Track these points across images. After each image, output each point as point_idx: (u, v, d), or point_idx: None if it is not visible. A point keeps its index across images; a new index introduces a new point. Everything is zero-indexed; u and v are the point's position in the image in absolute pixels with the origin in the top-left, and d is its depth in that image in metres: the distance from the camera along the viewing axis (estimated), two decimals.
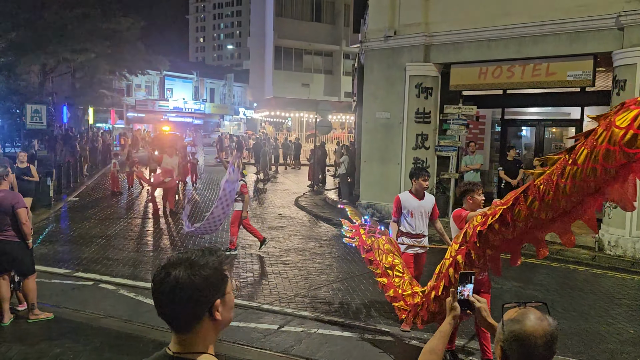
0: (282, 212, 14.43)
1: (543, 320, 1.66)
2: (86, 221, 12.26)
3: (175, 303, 1.44)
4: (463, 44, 11.95)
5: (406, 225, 6.38)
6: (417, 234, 6.36)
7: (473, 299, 2.14)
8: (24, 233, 5.83)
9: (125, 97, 45.19)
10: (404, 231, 6.37)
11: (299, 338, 5.87)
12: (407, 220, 6.37)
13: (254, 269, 8.70)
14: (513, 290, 7.78)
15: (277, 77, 40.19)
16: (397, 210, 6.43)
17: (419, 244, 6.38)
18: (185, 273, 1.44)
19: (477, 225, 3.68)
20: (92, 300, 6.92)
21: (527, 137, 14.87)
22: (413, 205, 6.37)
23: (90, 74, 30.93)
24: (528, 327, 1.65)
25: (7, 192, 5.87)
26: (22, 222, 5.78)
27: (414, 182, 6.43)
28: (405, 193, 6.56)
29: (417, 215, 6.36)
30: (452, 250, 4.16)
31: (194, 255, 1.49)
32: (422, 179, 6.32)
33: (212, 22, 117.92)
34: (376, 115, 13.15)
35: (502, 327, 1.71)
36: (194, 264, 1.46)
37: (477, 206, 5.31)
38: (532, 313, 1.69)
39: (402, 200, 6.44)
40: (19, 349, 5.28)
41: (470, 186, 5.45)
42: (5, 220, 5.77)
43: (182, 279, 1.44)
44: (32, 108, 16.16)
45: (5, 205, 5.73)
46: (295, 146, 29.48)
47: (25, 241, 5.89)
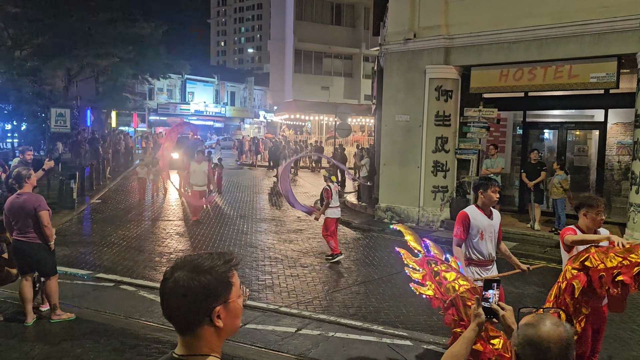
0: (301, 215, 14.44)
1: (559, 326, 1.63)
2: (108, 223, 12.44)
3: (173, 305, 1.45)
4: (483, 46, 11.84)
5: (474, 251, 5.12)
6: (487, 261, 5.17)
7: (496, 307, 2.11)
8: (45, 235, 5.93)
9: (147, 101, 45.80)
10: (473, 258, 5.13)
11: (317, 341, 5.86)
12: (474, 243, 5.10)
13: (272, 272, 8.72)
14: (535, 295, 7.66)
15: (297, 80, 40.34)
16: (464, 230, 5.09)
17: (489, 271, 5.19)
18: (185, 276, 1.44)
19: (619, 269, 3.73)
20: (112, 302, 7.02)
21: (550, 140, 14.65)
22: (484, 224, 5.11)
23: (113, 78, 31.42)
24: (542, 332, 1.62)
25: (30, 194, 5.99)
26: (44, 224, 5.89)
27: (481, 195, 5.13)
28: (472, 208, 5.22)
29: (488, 236, 5.12)
30: (568, 272, 4.01)
31: (201, 258, 1.49)
32: (491, 190, 5.08)
33: (233, 26, 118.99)
34: (396, 118, 13.09)
35: (517, 331, 1.69)
36: (197, 267, 1.46)
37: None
38: (548, 318, 1.66)
39: (471, 217, 5.10)
40: (41, 348, 5.38)
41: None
42: (28, 222, 5.88)
43: (180, 282, 1.44)
44: (56, 112, 16.48)
45: (27, 208, 5.84)
46: (316, 149, 29.50)
47: (47, 243, 5.99)
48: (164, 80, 42.81)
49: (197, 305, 1.44)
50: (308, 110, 39.21)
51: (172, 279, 1.46)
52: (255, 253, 10.00)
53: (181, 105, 50.63)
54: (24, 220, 5.87)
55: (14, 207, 5.88)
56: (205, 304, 1.45)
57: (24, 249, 5.93)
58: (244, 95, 58.16)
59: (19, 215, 5.87)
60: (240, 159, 34.12)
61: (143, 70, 31.87)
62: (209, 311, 1.46)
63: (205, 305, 1.45)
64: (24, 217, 5.86)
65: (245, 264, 9.18)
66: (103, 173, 20.10)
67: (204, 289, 1.44)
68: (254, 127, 58.04)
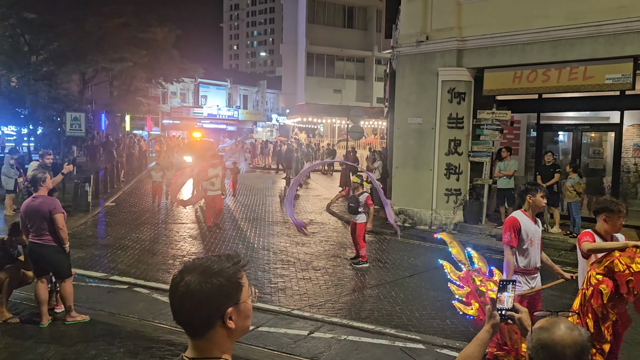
0: (313, 218, 14.45)
1: (573, 330, 1.61)
2: (122, 226, 12.54)
3: (186, 309, 1.45)
4: (496, 48, 11.77)
5: (521, 258, 4.82)
6: (534, 269, 4.90)
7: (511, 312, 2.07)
8: (60, 238, 6.00)
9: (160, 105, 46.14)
10: (521, 266, 4.84)
11: (329, 344, 5.85)
12: (524, 249, 4.81)
13: (284, 275, 8.73)
14: (549, 299, 7.58)
15: (309, 83, 40.42)
16: (515, 236, 4.76)
17: (535, 280, 4.91)
18: (196, 280, 1.44)
19: None
20: (126, 304, 7.07)
21: (564, 142, 14.50)
22: (532, 229, 4.85)
23: (127, 82, 31.75)
24: (556, 336, 1.60)
25: (45, 197, 6.05)
26: (59, 227, 5.95)
27: (530, 200, 4.86)
28: (519, 213, 4.90)
29: (536, 243, 4.88)
30: (592, 277, 3.94)
31: (210, 261, 1.49)
32: (540, 195, 4.84)
33: (246, 29, 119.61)
34: (408, 120, 13.05)
35: (531, 335, 1.67)
36: (207, 270, 1.46)
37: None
38: (562, 322, 1.64)
39: (521, 222, 4.80)
40: (56, 349, 5.43)
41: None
42: (43, 225, 5.94)
43: (192, 286, 1.44)
44: (71, 116, 16.63)
45: (43, 211, 5.91)
46: (329, 152, 29.51)
47: (62, 245, 6.06)
48: (177, 84, 43.14)
49: (209, 307, 1.45)
50: (320, 113, 39.28)
51: (183, 283, 1.45)
52: (268, 256, 10.01)
53: (194, 108, 50.90)
54: (39, 223, 5.94)
55: (29, 210, 5.96)
56: (217, 306, 1.45)
57: (39, 252, 6.00)
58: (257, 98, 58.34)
59: (35, 218, 5.94)
60: (253, 161, 34.26)
61: (156, 74, 32.15)
62: (221, 313, 1.46)
63: (217, 307, 1.45)
64: (40, 219, 5.93)
65: (258, 266, 9.20)
66: (117, 176, 20.29)
67: (215, 292, 1.45)
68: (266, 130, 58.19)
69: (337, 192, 9.80)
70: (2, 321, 6.02)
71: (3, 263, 6.28)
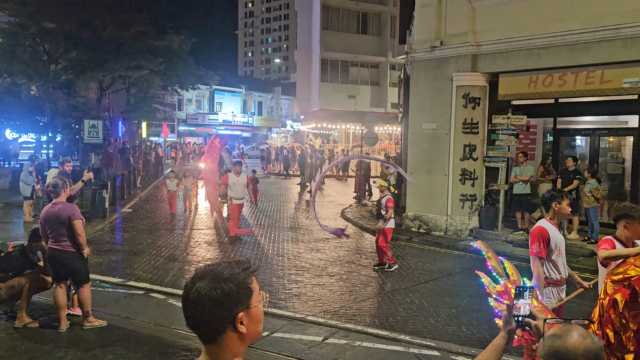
0: (328, 224, 14.45)
1: (586, 338, 1.59)
2: (138, 232, 12.67)
3: (197, 315, 1.48)
4: (512, 53, 11.70)
5: (552, 269, 4.61)
6: (564, 279, 4.71)
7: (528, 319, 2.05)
8: (79, 243, 6.09)
9: (176, 111, 46.62)
10: (553, 278, 4.64)
11: (343, 350, 5.84)
12: (554, 259, 4.59)
13: (298, 281, 8.74)
14: (567, 307, 7.47)
15: (324, 89, 40.53)
16: (544, 246, 4.52)
17: (563, 292, 4.75)
18: (207, 286, 1.47)
19: None
20: (143, 309, 7.14)
21: (582, 147, 14.34)
22: (560, 238, 4.64)
23: (144, 89, 32.07)
24: (569, 344, 1.58)
25: (65, 204, 6.15)
26: (77, 233, 6.04)
27: (556, 207, 4.63)
28: (546, 222, 4.65)
29: (564, 252, 4.69)
30: (608, 286, 3.88)
31: (220, 267, 1.52)
32: (566, 203, 4.65)
33: (260, 36, 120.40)
34: (423, 126, 13.02)
35: (543, 342, 1.65)
36: (218, 276, 1.49)
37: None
38: (575, 329, 1.62)
39: (550, 232, 4.56)
40: (74, 354, 5.50)
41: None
42: (62, 231, 6.04)
43: (203, 292, 1.47)
44: (89, 123, 16.92)
45: (62, 217, 6.01)
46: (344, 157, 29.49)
47: (81, 251, 6.14)
48: (192, 91, 43.47)
49: (221, 313, 1.47)
50: (335, 119, 39.31)
51: (194, 289, 1.48)
52: (282, 262, 10.04)
53: (209, 115, 51.35)
54: (58, 228, 6.03)
55: (49, 216, 6.06)
56: (229, 311, 1.48)
57: (58, 257, 6.10)
58: (271, 104, 58.66)
59: (54, 224, 6.04)
60: (267, 168, 34.39)
61: (172, 81, 32.46)
62: (232, 318, 1.49)
63: (228, 312, 1.48)
64: (59, 225, 6.03)
65: (272, 272, 9.22)
66: (134, 183, 20.51)
67: (226, 297, 1.47)
68: (281, 136, 58.44)
69: None
70: (21, 326, 6.12)
71: (23, 268, 6.39)
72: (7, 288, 6.25)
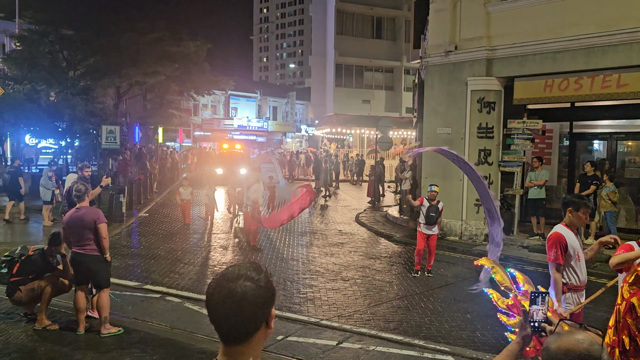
0: (342, 229, 14.48)
1: (582, 343, 1.58)
2: (155, 236, 12.81)
3: (243, 314, 1.47)
4: (527, 57, 11.65)
5: (572, 275, 4.57)
6: (583, 284, 4.69)
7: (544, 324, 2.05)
8: (103, 247, 6.19)
9: (192, 117, 46.99)
10: (571, 283, 4.60)
11: (357, 355, 5.86)
12: (573, 265, 4.56)
13: (313, 285, 8.78)
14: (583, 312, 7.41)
15: (338, 94, 40.60)
16: (562, 252, 4.50)
17: (583, 297, 4.71)
18: (251, 285, 1.49)
19: None
20: (159, 312, 7.23)
21: (599, 151, 14.20)
22: (577, 243, 4.61)
23: (160, 95, 32.45)
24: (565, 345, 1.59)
25: (89, 208, 6.27)
26: (102, 236, 6.15)
27: (571, 214, 4.62)
28: (562, 227, 4.65)
29: (582, 258, 4.64)
30: (625, 291, 3.86)
31: (248, 270, 1.54)
32: (582, 212, 4.59)
33: (275, 42, 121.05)
34: (437, 130, 13.00)
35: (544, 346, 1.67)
36: (253, 277, 1.51)
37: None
38: (576, 334, 1.62)
39: (567, 237, 4.53)
40: (92, 356, 5.60)
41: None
42: (86, 235, 6.13)
43: (249, 291, 1.48)
44: (107, 129, 17.15)
45: (87, 221, 6.11)
46: (357, 163, 29.53)
47: (104, 255, 6.25)
48: (208, 97, 43.83)
49: (263, 311, 1.51)
50: (349, 124, 39.36)
51: (239, 291, 1.48)
52: (297, 266, 10.08)
53: (225, 120, 51.66)
54: (82, 232, 6.12)
55: (72, 221, 6.15)
56: (267, 309, 1.53)
57: (81, 261, 6.19)
58: (286, 109, 58.86)
59: (78, 228, 6.12)
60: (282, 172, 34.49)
61: (188, 87, 32.79)
62: (267, 316, 1.53)
63: (267, 310, 1.53)
64: (83, 229, 6.12)
65: (287, 276, 9.27)
66: (150, 187, 20.73)
67: (268, 295, 1.52)
68: (295, 141, 58.59)
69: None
70: (41, 328, 6.24)
71: (43, 272, 6.51)
72: (27, 291, 6.37)
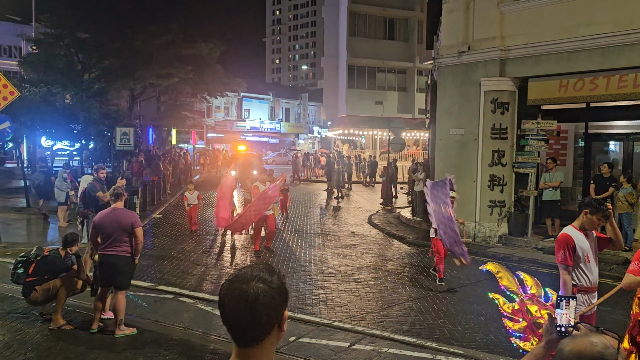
0: (355, 230, 14.45)
1: (596, 346, 1.57)
2: (168, 237, 12.89)
3: (255, 316, 1.47)
4: (541, 57, 11.55)
5: (581, 276, 4.60)
6: (595, 286, 4.67)
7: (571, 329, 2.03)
8: (136, 250, 6.25)
9: (205, 118, 47.27)
10: (582, 285, 4.61)
11: (370, 357, 5.84)
12: (582, 266, 4.58)
13: (325, 286, 8.76)
14: (599, 314, 7.30)
15: (351, 95, 40.58)
16: (570, 254, 4.52)
17: (595, 298, 4.67)
18: (264, 287, 1.49)
19: None
20: (172, 313, 7.26)
21: (615, 152, 14.01)
22: (587, 245, 4.61)
23: (173, 97, 32.72)
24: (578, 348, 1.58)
25: (124, 210, 6.33)
26: (139, 240, 6.22)
27: (586, 216, 4.60)
28: (571, 229, 4.66)
29: (593, 259, 4.64)
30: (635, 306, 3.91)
31: (261, 271, 1.53)
32: (597, 217, 4.56)
33: (288, 43, 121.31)
34: (450, 132, 12.93)
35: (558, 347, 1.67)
36: (266, 279, 1.51)
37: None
38: (590, 336, 1.62)
39: (575, 239, 4.56)
40: (106, 356, 5.64)
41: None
42: (121, 237, 6.17)
43: (262, 293, 1.48)
44: (121, 130, 17.28)
45: (125, 223, 6.16)
46: (370, 164, 29.47)
47: (134, 257, 6.30)
48: (221, 98, 44.10)
49: (276, 312, 1.51)
50: (362, 125, 39.31)
51: (251, 293, 1.47)
52: (309, 267, 10.08)
53: (237, 122, 51.91)
54: (117, 234, 6.14)
55: (108, 221, 6.18)
56: (281, 311, 1.53)
57: (111, 262, 6.19)
58: (299, 111, 58.96)
59: (113, 229, 6.14)
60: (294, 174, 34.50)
61: (201, 89, 33.01)
62: (280, 318, 1.53)
63: (281, 311, 1.53)
64: (119, 231, 6.14)
65: (299, 278, 9.27)
66: (163, 189, 20.87)
67: (282, 297, 1.52)
68: (308, 142, 58.66)
69: None
70: (56, 327, 6.30)
71: (58, 272, 6.58)
72: (42, 291, 6.45)
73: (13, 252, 10.19)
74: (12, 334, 6.17)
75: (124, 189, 6.65)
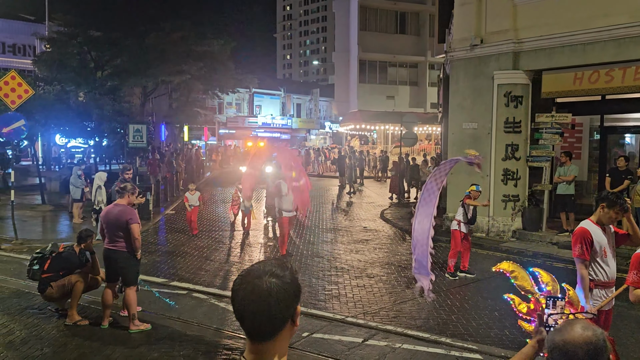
0: (367, 225, 14.42)
1: (586, 330, 1.62)
2: (181, 233, 12.96)
3: (268, 311, 1.46)
4: (555, 49, 11.39)
5: (598, 271, 4.54)
6: (612, 281, 4.60)
7: None
8: (134, 246, 6.30)
9: (217, 115, 47.42)
10: (599, 279, 4.55)
11: (383, 352, 5.82)
12: (599, 261, 4.52)
13: (338, 282, 8.76)
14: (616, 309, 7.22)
15: (362, 90, 40.42)
16: (587, 248, 4.47)
17: (611, 293, 4.60)
18: (277, 282, 1.48)
19: None
20: (186, 309, 7.30)
21: (631, 145, 13.81)
22: (604, 239, 4.55)
23: (185, 94, 32.80)
24: (567, 337, 1.62)
25: (125, 206, 6.38)
26: (134, 237, 6.26)
27: (603, 210, 4.54)
28: (589, 223, 4.61)
29: (610, 253, 4.59)
30: None
31: (273, 267, 1.53)
32: (615, 211, 4.50)
33: (299, 39, 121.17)
34: (463, 126, 12.83)
35: (547, 337, 1.72)
36: (278, 274, 1.50)
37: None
38: (578, 323, 1.66)
39: (592, 233, 4.51)
40: (121, 351, 5.69)
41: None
42: (118, 232, 6.26)
43: (275, 287, 1.47)
44: (134, 127, 17.38)
45: (121, 219, 6.23)
46: (382, 159, 29.38)
47: (134, 253, 6.35)
48: (232, 95, 44.16)
49: (290, 307, 1.50)
50: (373, 120, 39.15)
51: (265, 288, 1.47)
52: (322, 263, 10.08)
53: (249, 118, 51.98)
54: (115, 229, 6.25)
55: (108, 216, 6.31)
56: (294, 306, 1.52)
57: (112, 257, 6.32)
58: (310, 106, 58.89)
59: (112, 225, 6.26)
60: (306, 169, 34.52)
61: (213, 85, 33.07)
62: (293, 312, 1.52)
63: (293, 306, 1.52)
64: (116, 227, 6.24)
65: (312, 273, 9.27)
66: (176, 185, 20.98)
67: (295, 291, 1.52)
68: (319, 138, 58.61)
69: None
70: (72, 323, 6.37)
71: (73, 268, 6.65)
72: (58, 287, 6.52)
73: (29, 249, 10.33)
74: (29, 330, 6.25)
75: (135, 188, 6.68)
